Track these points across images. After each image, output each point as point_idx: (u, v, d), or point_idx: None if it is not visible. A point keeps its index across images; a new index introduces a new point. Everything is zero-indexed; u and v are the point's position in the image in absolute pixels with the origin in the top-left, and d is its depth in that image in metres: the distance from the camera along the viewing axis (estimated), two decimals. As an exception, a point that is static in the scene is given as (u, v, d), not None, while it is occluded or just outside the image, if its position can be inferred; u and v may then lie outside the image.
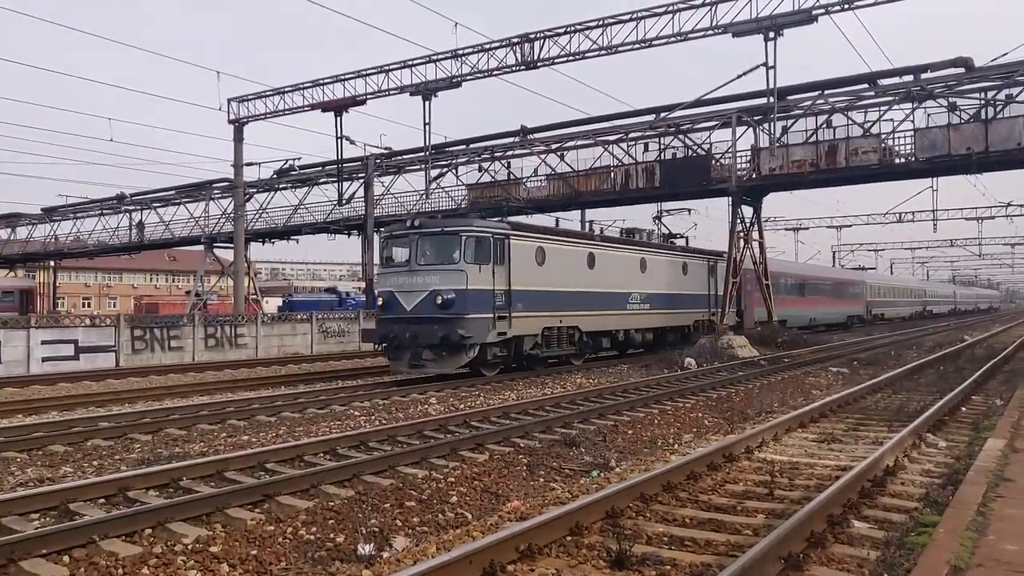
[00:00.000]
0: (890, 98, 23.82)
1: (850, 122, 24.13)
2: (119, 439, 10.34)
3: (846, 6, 22.15)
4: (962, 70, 22.84)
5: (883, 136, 23.62)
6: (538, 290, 18.51)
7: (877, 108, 24.03)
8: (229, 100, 34.32)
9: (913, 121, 23.33)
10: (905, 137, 23.57)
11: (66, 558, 5.50)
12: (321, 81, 31.61)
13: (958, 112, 22.70)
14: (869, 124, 23.88)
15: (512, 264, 17.61)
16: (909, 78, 23.83)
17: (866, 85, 24.67)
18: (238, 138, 34.60)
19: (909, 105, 23.37)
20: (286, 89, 32.73)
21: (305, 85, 32.09)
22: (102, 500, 7.03)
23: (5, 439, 10.06)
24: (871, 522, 6.01)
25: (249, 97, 33.96)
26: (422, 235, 17.07)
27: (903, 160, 23.64)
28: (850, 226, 63.70)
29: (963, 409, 12.14)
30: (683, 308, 25.83)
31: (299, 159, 37.48)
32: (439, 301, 16.28)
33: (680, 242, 28.88)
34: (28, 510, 6.59)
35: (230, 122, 34.43)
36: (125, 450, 9.69)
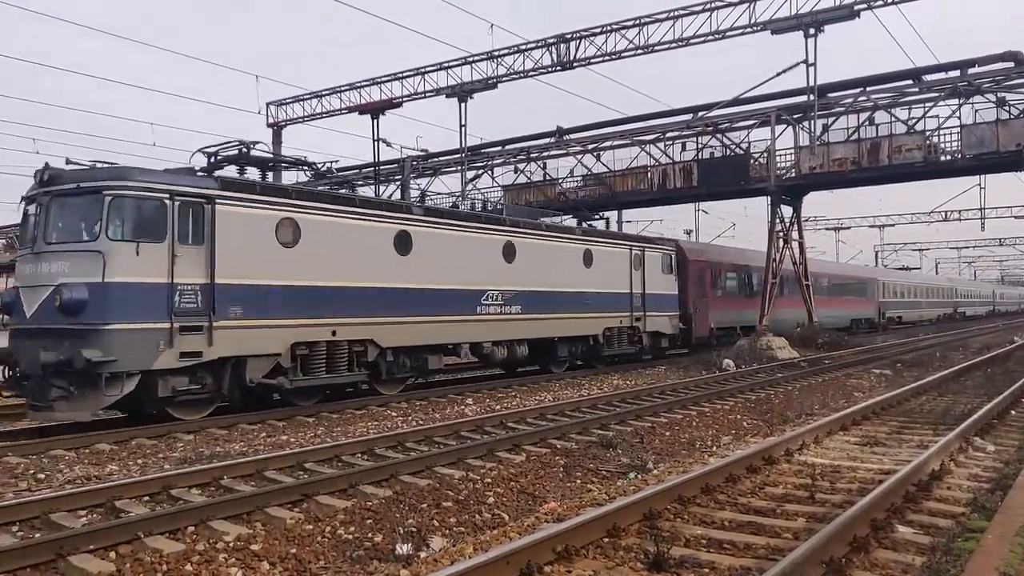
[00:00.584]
0: (935, 94, 23.32)
1: (893, 119, 23.69)
2: (162, 438, 10.52)
3: (889, 1, 21.75)
4: (1011, 64, 22.28)
5: (928, 133, 23.14)
6: (281, 285, 12.41)
7: (922, 104, 23.56)
8: (268, 104, 34.85)
9: (959, 117, 22.82)
10: (951, 134, 23.07)
11: (112, 554, 5.62)
12: (358, 84, 31.92)
13: (1007, 107, 22.14)
14: (913, 121, 23.42)
15: (220, 243, 11.57)
16: (955, 73, 23.28)
17: (910, 81, 24.18)
18: (276, 141, 35.05)
19: (955, 101, 22.86)
20: (323, 92, 33.12)
21: (342, 88, 32.43)
22: (146, 498, 7.17)
23: (54, 437, 10.31)
24: (916, 527, 5.88)
25: (287, 100, 34.44)
26: (53, 196, 11.05)
27: (949, 157, 23.13)
28: (893, 225, 62.57)
29: (1012, 412, 11.82)
30: (586, 311, 19.42)
31: (336, 162, 37.62)
32: (59, 302, 10.40)
33: (599, 225, 23.71)
34: (76, 507, 6.75)
35: (269, 125, 34.96)
36: (168, 449, 9.86)
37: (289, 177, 33.24)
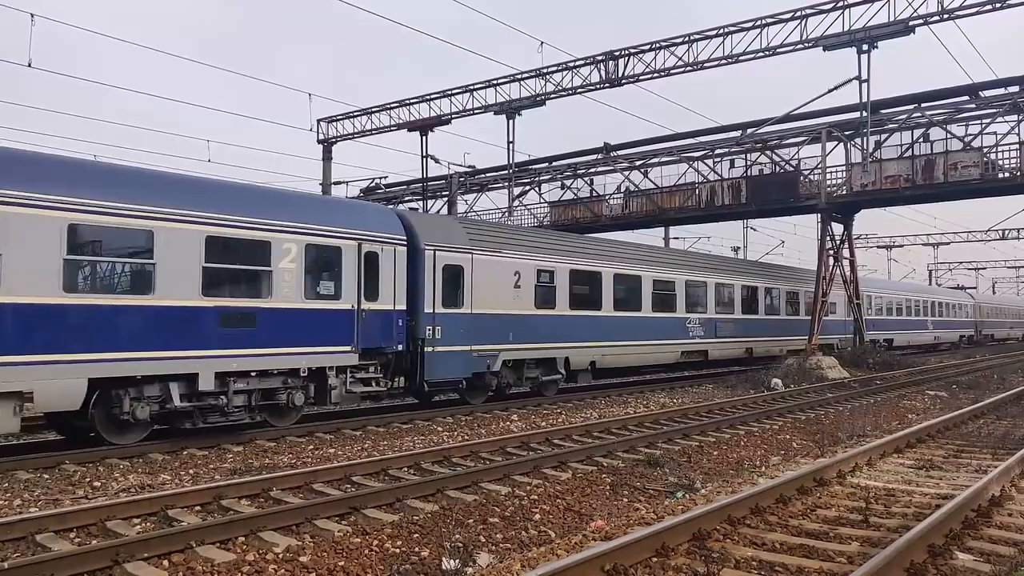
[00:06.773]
0: (993, 110, 22.76)
1: (949, 136, 23.17)
2: (213, 449, 10.71)
3: (945, 16, 21.34)
4: (1073, 79, 21.65)
5: (985, 150, 22.57)
6: None
7: (979, 121, 23.00)
8: (319, 120, 35.43)
9: (1019, 134, 22.22)
10: (1010, 150, 22.46)
11: (165, 562, 5.73)
12: (407, 101, 32.31)
13: (1068, 123, 21.49)
14: (970, 138, 22.87)
15: None
16: (1015, 89, 22.72)
17: (967, 97, 23.63)
18: (327, 157, 35.65)
19: (1014, 117, 22.28)
20: (373, 109, 33.59)
21: (392, 105, 32.85)
22: (198, 507, 7.30)
23: (109, 446, 10.55)
24: (976, 554, 5.70)
25: (338, 117, 34.98)
26: None
27: (1007, 175, 22.51)
28: (948, 243, 61.02)
29: (1076, 438, 11.42)
30: None
31: (385, 178, 38.25)
32: None
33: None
34: (130, 515, 6.90)
35: (319, 142, 35.54)
36: (219, 460, 10.02)
37: (339, 190, 33.69)
